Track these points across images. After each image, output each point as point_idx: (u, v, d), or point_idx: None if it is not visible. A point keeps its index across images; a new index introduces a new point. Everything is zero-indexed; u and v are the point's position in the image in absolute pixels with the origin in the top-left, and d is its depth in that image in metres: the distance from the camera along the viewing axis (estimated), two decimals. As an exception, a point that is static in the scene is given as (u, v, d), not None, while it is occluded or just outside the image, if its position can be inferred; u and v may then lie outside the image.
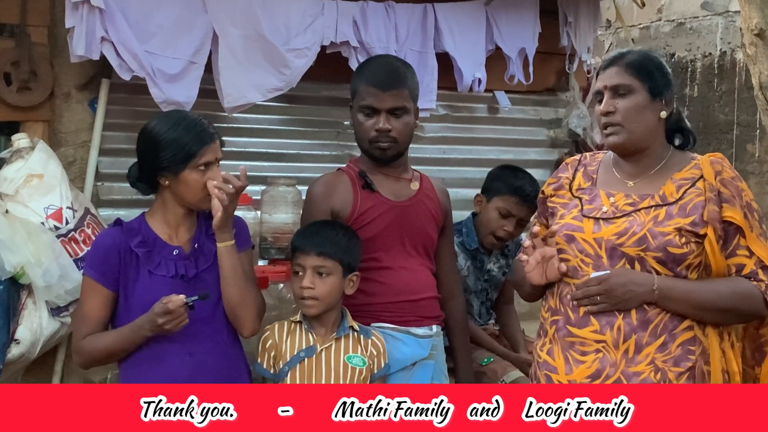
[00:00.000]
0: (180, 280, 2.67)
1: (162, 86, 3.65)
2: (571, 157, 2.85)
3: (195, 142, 2.65)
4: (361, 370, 2.80)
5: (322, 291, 2.78)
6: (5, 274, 3.24)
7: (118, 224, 2.77)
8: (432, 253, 3.12)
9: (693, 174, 2.50)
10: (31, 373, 3.61)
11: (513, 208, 3.55)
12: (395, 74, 2.99)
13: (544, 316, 2.60)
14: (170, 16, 3.72)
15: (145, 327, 2.57)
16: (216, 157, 2.69)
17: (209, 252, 2.74)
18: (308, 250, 2.80)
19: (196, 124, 2.69)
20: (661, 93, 2.52)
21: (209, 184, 2.65)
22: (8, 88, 3.63)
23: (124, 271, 2.66)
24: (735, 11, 6.03)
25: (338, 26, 4.10)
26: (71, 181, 3.56)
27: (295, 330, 2.84)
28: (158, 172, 2.68)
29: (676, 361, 2.39)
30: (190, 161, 2.64)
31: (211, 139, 2.68)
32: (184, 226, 2.76)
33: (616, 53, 2.58)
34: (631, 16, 6.58)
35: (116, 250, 2.67)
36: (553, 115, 5.27)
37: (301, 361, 2.79)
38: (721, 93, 6.29)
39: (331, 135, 4.54)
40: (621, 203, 2.51)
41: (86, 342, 2.66)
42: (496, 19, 4.61)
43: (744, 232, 2.43)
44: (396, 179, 3.05)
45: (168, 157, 2.65)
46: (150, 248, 2.69)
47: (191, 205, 2.72)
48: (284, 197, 3.82)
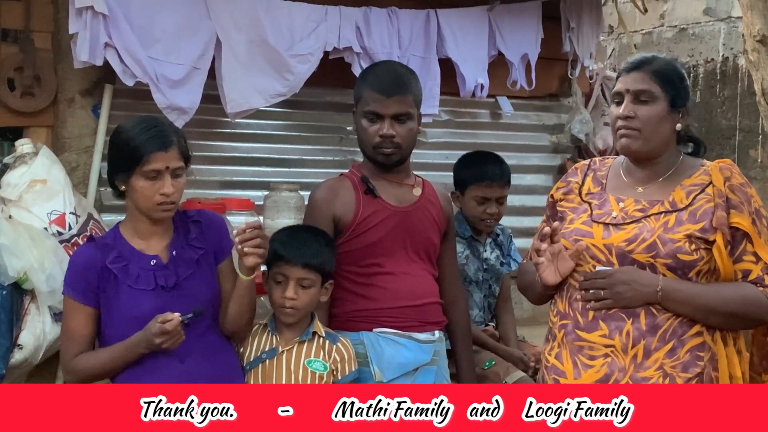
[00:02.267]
0: (161, 291, 2.61)
1: (165, 92, 3.66)
2: (576, 162, 2.84)
3: (144, 147, 2.53)
4: (321, 374, 2.78)
5: (303, 302, 2.77)
6: (9, 280, 3.25)
7: (91, 240, 2.71)
8: (434, 259, 3.12)
9: (702, 180, 2.49)
10: (33, 377, 3.62)
11: (487, 192, 3.59)
12: (399, 80, 2.99)
13: (552, 320, 2.59)
14: (173, 21, 3.73)
15: (141, 345, 2.53)
16: (167, 167, 2.55)
17: (189, 259, 2.67)
18: (294, 261, 2.77)
19: (152, 128, 2.58)
20: (681, 104, 2.51)
21: (236, 247, 2.58)
22: (12, 94, 3.65)
23: (103, 287, 2.60)
24: (737, 17, 6.03)
25: (341, 32, 4.11)
26: (74, 187, 3.57)
27: (262, 332, 2.84)
28: (113, 175, 2.62)
29: (684, 367, 2.38)
30: (136, 166, 2.54)
31: (164, 146, 2.55)
32: (157, 234, 2.67)
33: (641, 57, 2.56)
34: (633, 21, 6.59)
35: (92, 268, 2.59)
36: (556, 120, 5.28)
37: (262, 362, 2.78)
38: (723, 98, 6.30)
39: (333, 140, 4.56)
40: (631, 209, 2.50)
41: (78, 362, 2.61)
42: (498, 25, 4.62)
43: (751, 238, 2.42)
44: (398, 185, 3.05)
45: (120, 159, 2.58)
46: (126, 261, 2.61)
47: (144, 214, 2.62)
48: (287, 202, 3.83)
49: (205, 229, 2.74)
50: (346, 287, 2.97)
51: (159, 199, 2.57)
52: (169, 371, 2.57)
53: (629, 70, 2.54)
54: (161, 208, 2.59)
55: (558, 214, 2.67)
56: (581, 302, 2.47)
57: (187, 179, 2.67)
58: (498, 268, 3.75)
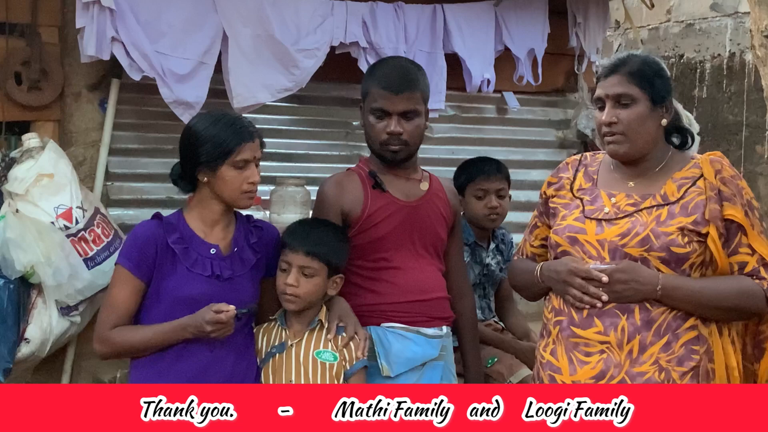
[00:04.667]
0: (215, 280, 2.68)
1: (172, 86, 3.66)
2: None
3: (233, 139, 2.66)
4: (331, 365, 2.79)
5: (304, 290, 2.78)
6: (16, 274, 3.26)
7: (157, 217, 2.77)
8: (442, 253, 3.12)
9: (693, 173, 2.49)
10: (40, 371, 3.63)
11: (484, 185, 3.62)
12: (407, 77, 2.98)
13: (547, 316, 2.60)
14: (180, 16, 3.73)
15: (188, 329, 2.58)
16: (254, 156, 2.71)
17: (247, 259, 2.77)
18: (297, 248, 2.80)
19: (235, 122, 2.72)
20: (662, 100, 2.50)
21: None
22: (19, 88, 3.65)
23: (159, 264, 2.66)
24: (744, 12, 6.02)
25: (348, 27, 4.11)
26: (81, 181, 3.57)
27: (272, 328, 2.86)
28: (197, 167, 2.70)
29: (679, 361, 2.39)
30: (227, 157, 2.65)
31: (251, 138, 2.70)
32: (221, 224, 2.76)
33: (615, 60, 2.55)
34: (640, 17, 6.57)
35: (153, 243, 2.67)
36: (562, 115, 5.27)
37: (272, 357, 2.80)
38: (730, 94, 6.29)
39: (340, 135, 4.55)
40: (622, 204, 2.50)
41: (116, 333, 2.64)
42: (505, 20, 4.62)
43: (746, 230, 2.43)
44: (406, 179, 3.05)
45: (206, 152, 2.67)
46: (187, 245, 2.70)
47: (229, 202, 2.73)
48: (293, 197, 3.83)
49: (265, 236, 2.84)
50: (353, 281, 2.98)
51: (247, 187, 2.70)
52: (198, 357, 2.63)
53: (606, 74, 2.53)
54: (247, 196, 2.73)
55: (550, 210, 2.68)
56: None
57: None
58: (497, 273, 3.77)
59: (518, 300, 3.98)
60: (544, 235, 2.72)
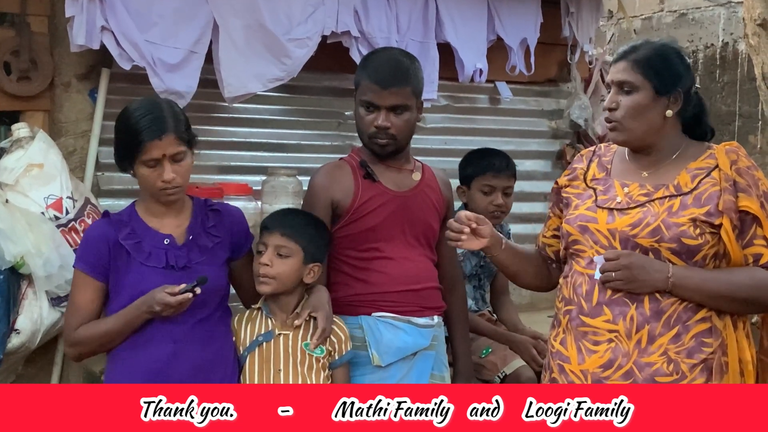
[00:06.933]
0: (171, 270, 2.66)
1: (162, 76, 3.64)
2: (575, 148, 2.85)
3: (139, 137, 2.58)
4: (318, 357, 2.80)
5: (278, 271, 2.78)
6: (5, 264, 3.24)
7: (106, 216, 2.76)
8: (433, 244, 3.11)
9: (708, 164, 2.48)
10: (31, 363, 3.61)
11: (492, 182, 3.63)
12: (398, 71, 2.95)
13: (558, 306, 2.61)
14: (171, 5, 3.70)
15: (142, 309, 2.58)
16: (164, 154, 2.60)
17: (204, 246, 2.73)
18: (273, 229, 2.82)
19: (145, 117, 2.60)
20: (668, 91, 2.48)
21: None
22: (8, 78, 3.62)
23: (114, 262, 2.65)
24: (737, 2, 6.01)
25: (339, 16, 4.08)
26: (71, 171, 3.55)
27: (256, 316, 2.86)
28: (120, 162, 2.69)
29: (689, 353, 2.38)
30: (136, 156, 2.60)
31: (158, 134, 2.58)
32: (170, 214, 2.74)
33: (628, 47, 2.55)
34: (633, 6, 6.57)
35: (105, 243, 2.66)
36: (555, 106, 5.26)
37: (259, 345, 2.80)
38: (723, 84, 6.28)
39: (332, 125, 4.53)
40: (635, 193, 2.49)
41: (81, 331, 2.66)
42: (497, 9, 4.60)
43: (761, 222, 2.41)
44: (398, 170, 3.04)
45: (119, 150, 2.66)
46: (139, 239, 2.67)
47: (152, 197, 2.69)
48: (285, 187, 3.81)
49: (224, 219, 2.80)
50: (344, 271, 2.97)
51: (161, 185, 2.63)
52: (161, 349, 2.63)
53: (616, 60, 2.55)
54: (166, 193, 2.66)
55: (563, 200, 2.68)
56: (585, 287, 2.47)
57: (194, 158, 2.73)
58: (493, 267, 3.76)
59: (512, 290, 3.99)
60: (555, 226, 2.74)
